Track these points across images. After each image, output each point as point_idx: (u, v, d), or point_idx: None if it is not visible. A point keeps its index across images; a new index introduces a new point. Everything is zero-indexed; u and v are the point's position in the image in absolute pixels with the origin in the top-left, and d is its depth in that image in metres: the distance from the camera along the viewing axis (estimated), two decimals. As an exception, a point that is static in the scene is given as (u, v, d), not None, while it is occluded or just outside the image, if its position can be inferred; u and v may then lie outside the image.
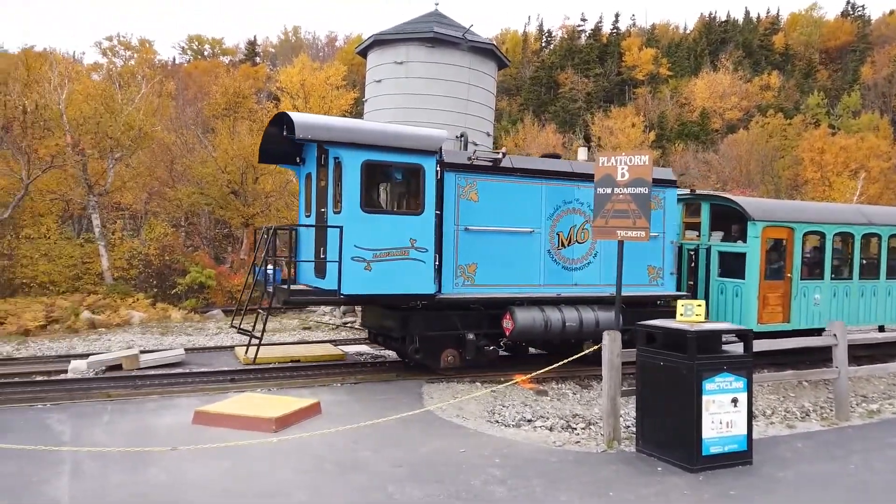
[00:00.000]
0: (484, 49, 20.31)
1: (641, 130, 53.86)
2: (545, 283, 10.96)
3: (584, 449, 7.20)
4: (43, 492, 5.54)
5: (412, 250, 9.70)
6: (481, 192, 10.43)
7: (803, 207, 14.28)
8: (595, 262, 11.40)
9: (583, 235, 11.26)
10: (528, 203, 10.83)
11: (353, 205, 9.39)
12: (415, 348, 10.22)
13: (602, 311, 10.91)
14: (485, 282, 10.48)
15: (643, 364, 6.98)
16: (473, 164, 10.40)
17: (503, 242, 10.60)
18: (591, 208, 11.17)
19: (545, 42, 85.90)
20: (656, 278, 11.80)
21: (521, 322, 10.28)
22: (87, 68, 35.87)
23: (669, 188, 11.93)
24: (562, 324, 10.54)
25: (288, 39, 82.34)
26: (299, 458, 6.48)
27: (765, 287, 11.92)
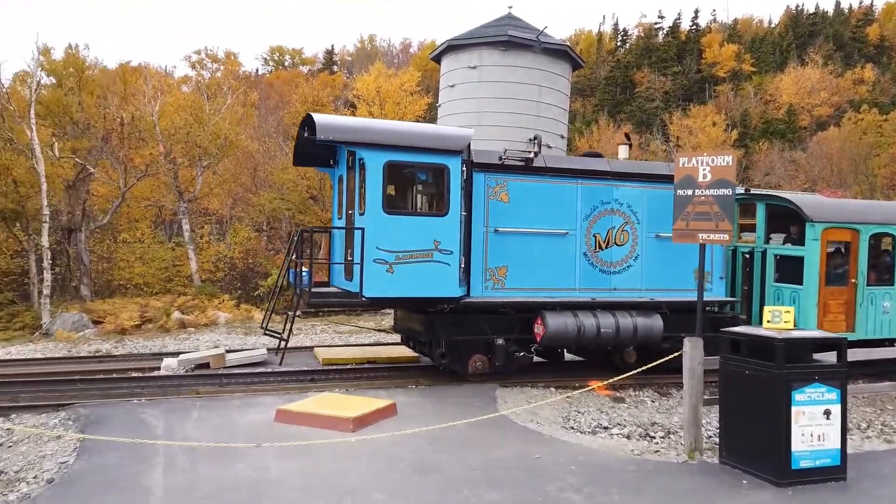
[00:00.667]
0: (558, 50, 20.11)
1: (723, 129, 51.86)
2: (581, 288, 10.57)
3: (664, 459, 7.00)
4: (140, 482, 5.88)
5: (436, 252, 9.46)
6: (512, 192, 10.16)
7: (870, 207, 13.25)
8: (636, 266, 10.90)
9: (622, 237, 10.81)
10: (562, 203, 10.47)
11: (376, 206, 9.25)
12: (441, 353, 9.97)
13: (641, 318, 10.44)
14: (515, 285, 10.19)
15: (727, 372, 6.73)
16: (504, 163, 10.15)
17: (535, 244, 10.27)
18: (630, 209, 10.87)
19: (620, 41, 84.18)
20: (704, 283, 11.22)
21: (552, 327, 9.93)
22: (178, 81, 37.85)
23: None
24: (596, 330, 10.13)
25: (364, 48, 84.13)
26: (376, 457, 6.60)
27: (825, 293, 11.11)
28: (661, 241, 10.86)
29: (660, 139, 54.95)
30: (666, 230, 10.74)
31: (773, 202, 12.01)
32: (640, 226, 10.91)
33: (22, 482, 6.01)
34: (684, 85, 69.00)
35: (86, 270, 22.44)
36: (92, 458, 6.42)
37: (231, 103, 25.34)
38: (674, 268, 10.96)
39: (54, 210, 23.09)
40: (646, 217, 10.93)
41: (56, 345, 15.68)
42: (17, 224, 24.80)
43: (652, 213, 10.93)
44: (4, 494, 5.74)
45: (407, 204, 10.63)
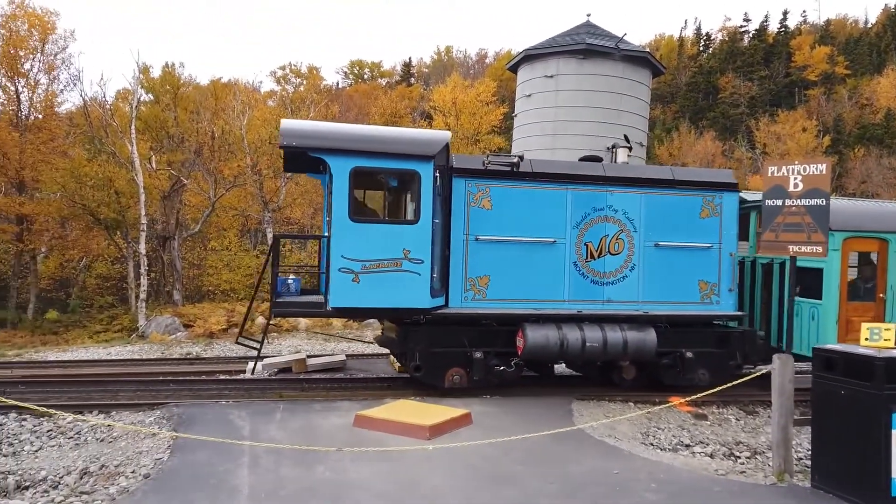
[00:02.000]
0: (637, 57, 19.76)
1: (814, 135, 49.36)
2: (570, 299, 10.05)
3: (751, 480, 6.71)
4: (227, 481, 6.15)
5: (405, 261, 9.09)
6: (495, 199, 9.78)
7: None
8: (632, 277, 10.28)
9: (617, 246, 10.19)
10: (550, 210, 9.98)
11: (342, 213, 8.95)
12: (415, 366, 9.62)
13: (633, 332, 9.85)
14: (498, 296, 9.80)
15: (820, 392, 6.39)
16: (487, 169, 9.78)
17: (519, 253, 9.84)
18: (626, 216, 10.26)
19: (703, 46, 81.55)
20: (710, 295, 10.45)
21: (531, 341, 9.46)
22: (264, 95, 39.49)
23: (728, 192, 10.56)
24: (581, 344, 9.59)
25: (440, 59, 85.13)
26: (452, 466, 6.64)
27: (848, 309, 10.21)
28: (661, 251, 10.33)
29: (745, 146, 52.82)
30: (666, 239, 10.32)
31: None
32: (637, 234, 10.30)
33: (121, 476, 6.40)
34: (772, 90, 66.10)
35: (178, 276, 23.71)
36: (184, 456, 6.77)
37: (313, 116, 26.22)
38: (675, 279, 10.35)
39: (151, 219, 24.56)
40: (644, 225, 10.31)
41: (151, 346, 16.63)
42: (118, 232, 26.52)
43: (651, 221, 10.32)
44: (106, 487, 6.13)
45: (376, 211, 10.23)
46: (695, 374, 10.24)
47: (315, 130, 9.52)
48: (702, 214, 10.43)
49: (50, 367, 12.96)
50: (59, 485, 6.30)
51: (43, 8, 29.88)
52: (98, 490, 6.07)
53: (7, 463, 7.01)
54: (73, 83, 36.75)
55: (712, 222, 10.46)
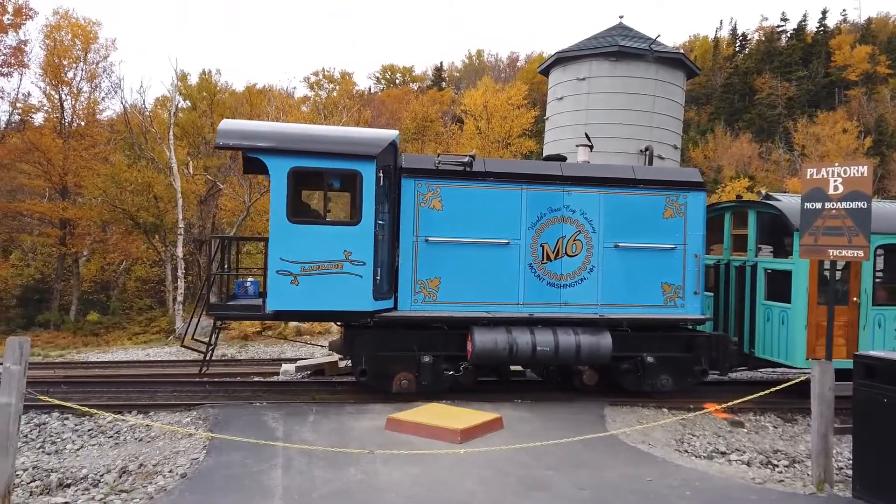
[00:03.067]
0: (671, 59, 19.53)
1: (855, 136, 48.11)
2: (525, 302, 9.79)
3: (789, 489, 6.56)
4: (261, 481, 6.23)
5: (347, 263, 8.88)
6: (446, 199, 9.56)
7: (879, 212, 11.35)
8: (591, 279, 9.98)
9: (574, 248, 9.88)
10: (504, 211, 9.72)
11: (280, 215, 8.79)
12: (361, 370, 9.43)
13: (587, 335, 9.55)
14: (449, 298, 9.56)
15: (862, 399, 6.22)
16: (438, 169, 9.56)
17: (472, 255, 9.60)
18: (584, 216, 9.98)
19: (739, 46, 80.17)
20: (673, 298, 10.11)
21: (479, 344, 9.24)
22: (298, 101, 40.00)
23: (693, 192, 10.19)
24: (531, 348, 9.34)
25: (472, 63, 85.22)
26: (483, 470, 6.63)
27: (819, 313, 9.69)
28: (622, 252, 10.03)
29: (783, 148, 51.74)
30: (627, 240, 10.02)
31: (763, 210, 10.65)
32: (596, 235, 10.01)
33: (159, 475, 6.54)
34: (810, 90, 64.65)
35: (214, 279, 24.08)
36: (219, 456, 6.89)
37: (346, 121, 26.49)
38: (636, 281, 10.05)
39: (188, 223, 25.05)
40: (603, 225, 10.03)
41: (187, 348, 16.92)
42: (156, 236, 27.13)
43: (610, 221, 10.03)
44: (144, 486, 6.27)
45: (317, 212, 9.94)
46: (657, 380, 9.99)
47: (252, 130, 9.42)
48: (665, 214, 10.13)
49: (91, 368, 13.32)
50: (100, 483, 6.47)
51: (86, 18, 30.77)
52: (137, 489, 6.21)
53: (50, 461, 7.22)
54: (114, 91, 37.82)
55: (676, 222, 10.13)
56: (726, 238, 11.53)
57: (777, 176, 48.09)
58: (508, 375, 10.95)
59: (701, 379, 10.29)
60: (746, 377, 12.87)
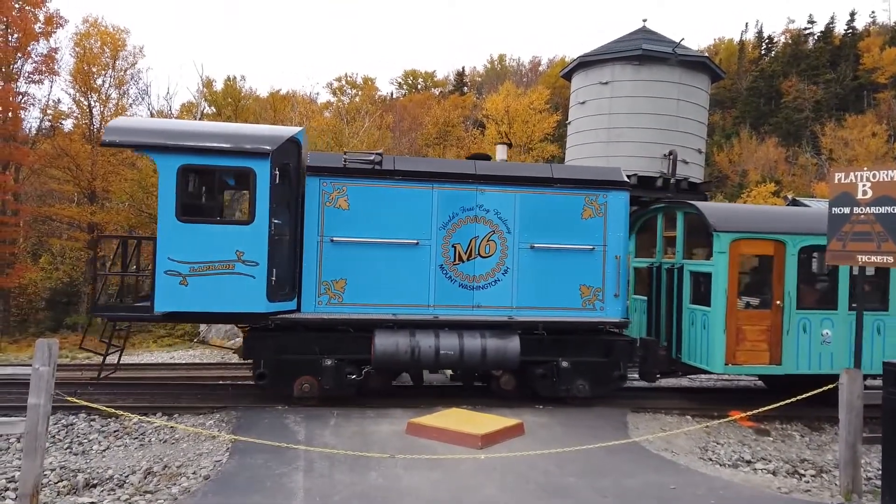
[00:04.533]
0: (695, 62, 19.35)
1: (884, 140, 47.23)
2: (436, 304, 9.53)
3: (816, 499, 6.45)
4: (283, 484, 6.27)
5: (239, 264, 8.61)
6: (353, 198, 9.33)
7: (802, 214, 10.82)
8: (505, 281, 9.68)
9: (488, 249, 9.61)
10: (413, 210, 9.47)
11: (168, 213, 8.53)
12: (260, 373, 9.19)
13: (494, 339, 9.30)
14: (355, 300, 9.32)
15: (891, 408, 6.09)
16: (344, 167, 9.33)
17: (380, 256, 9.37)
18: (499, 216, 9.69)
19: (765, 49, 79.19)
20: (592, 301, 9.82)
21: (380, 348, 9.04)
22: (321, 107, 40.35)
23: (614, 191, 9.90)
24: (434, 352, 9.11)
25: (493, 68, 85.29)
26: (504, 476, 6.60)
27: (740, 317, 9.49)
28: (538, 253, 9.75)
29: (810, 152, 50.97)
30: (543, 240, 9.75)
31: (689, 211, 10.30)
32: (511, 235, 9.73)
33: (182, 476, 6.62)
34: (838, 93, 63.59)
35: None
36: (242, 458, 6.95)
37: (368, 126, 26.67)
38: (554, 283, 9.75)
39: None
40: (518, 225, 9.74)
41: (211, 351, 17.14)
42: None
43: (526, 222, 9.75)
44: (168, 487, 6.35)
45: (210, 211, 9.61)
46: (572, 386, 9.71)
47: (140, 127, 9.23)
48: (584, 214, 9.85)
49: (117, 370, 13.51)
50: (125, 484, 6.56)
51: (114, 26, 31.37)
52: (161, 490, 6.29)
53: (77, 461, 7.34)
54: (142, 97, 38.41)
55: (595, 223, 9.86)
56: (658, 240, 11.28)
57: (804, 180, 47.37)
58: (420, 381, 10.56)
59: (619, 385, 10.06)
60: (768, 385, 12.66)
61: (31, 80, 29.31)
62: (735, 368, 9.66)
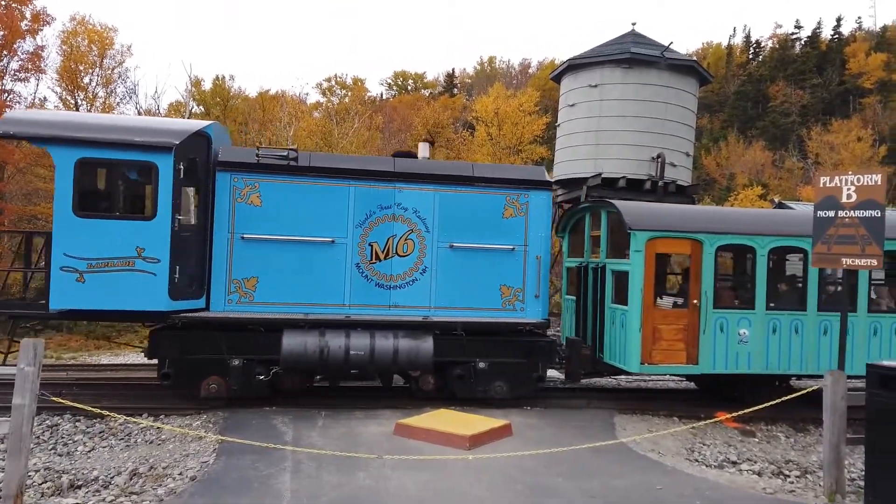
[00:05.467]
0: (683, 66, 19.49)
1: (869, 145, 47.75)
2: (352, 304, 9.40)
3: (800, 500, 6.50)
4: (270, 485, 6.25)
5: (139, 260, 8.39)
6: (266, 194, 9.16)
7: (719, 214, 10.85)
8: (423, 280, 9.59)
9: (406, 248, 9.50)
10: (329, 208, 9.33)
11: (65, 208, 8.31)
12: (164, 373, 8.96)
13: (406, 340, 9.20)
14: (268, 299, 9.17)
15: (876, 410, 6.16)
16: (257, 163, 9.15)
17: (293, 254, 9.22)
18: (417, 215, 9.60)
19: (753, 53, 79.84)
20: (513, 301, 9.76)
21: (287, 348, 8.90)
22: (310, 107, 40.25)
23: (536, 191, 9.83)
24: (344, 352, 8.99)
25: (483, 70, 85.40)
26: (492, 477, 6.61)
27: (656, 316, 9.49)
28: (457, 253, 9.67)
29: (796, 156, 51.44)
30: (463, 240, 9.68)
31: (611, 210, 10.23)
32: (430, 234, 9.64)
33: (169, 478, 6.57)
34: (825, 98, 64.26)
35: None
36: (229, 459, 6.92)
37: (357, 127, 26.63)
38: (473, 283, 9.67)
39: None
40: (437, 225, 9.65)
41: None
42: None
43: (445, 221, 9.66)
44: (154, 488, 6.30)
45: (109, 206, 9.23)
46: (490, 387, 9.62)
47: (38, 119, 9.05)
48: (505, 214, 9.78)
49: (103, 371, 13.40)
50: (110, 485, 6.51)
51: (102, 24, 31.15)
52: (147, 491, 6.24)
53: (62, 462, 7.28)
54: (129, 96, 38.11)
55: (517, 222, 9.78)
56: (586, 239, 11.26)
57: (790, 184, 47.78)
58: (336, 381, 10.23)
59: (537, 386, 9.97)
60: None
61: (17, 79, 29.00)
62: (651, 368, 9.61)
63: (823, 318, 9.82)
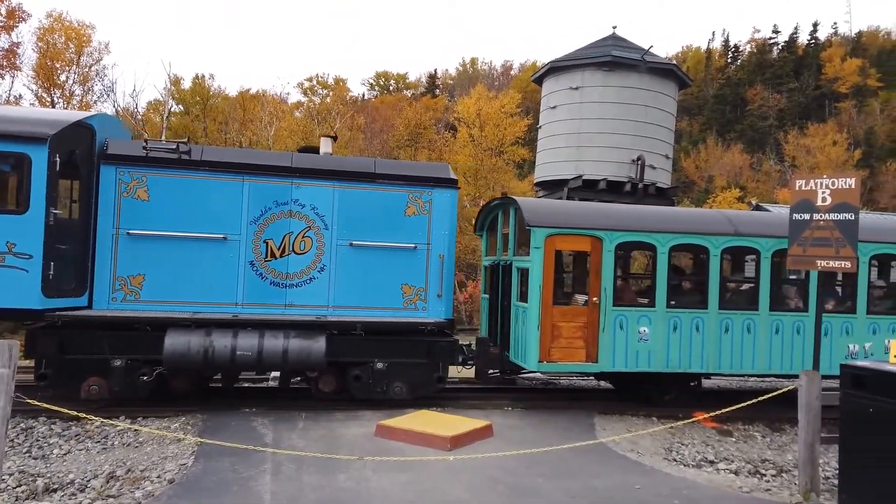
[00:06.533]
0: (663, 69, 19.70)
1: (844, 148, 48.62)
2: (245, 303, 9.19)
3: (776, 498, 6.60)
4: (249, 487, 6.21)
5: (9, 256, 8.06)
6: (154, 189, 8.87)
7: (620, 211, 10.71)
8: (321, 279, 9.40)
9: (303, 245, 9.31)
10: (222, 203, 9.09)
11: None
12: (41, 374, 8.61)
13: (297, 340, 8.88)
14: (155, 297, 8.90)
15: (849, 410, 6.27)
16: (145, 156, 8.86)
17: (183, 250, 8.94)
18: (316, 212, 9.40)
19: (731, 58, 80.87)
20: (415, 300, 9.62)
21: (169, 347, 8.54)
22: (291, 107, 40.02)
23: (440, 188, 9.68)
24: (230, 352, 8.66)
25: (466, 71, 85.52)
26: (473, 478, 6.63)
27: (555, 314, 9.39)
28: (357, 251, 9.51)
29: (773, 160, 52.18)
30: (363, 238, 9.53)
31: (516, 206, 10.17)
32: (329, 232, 9.45)
33: (146, 480, 6.50)
34: (801, 102, 65.31)
35: None
36: (208, 462, 6.86)
37: (339, 127, 26.53)
38: (374, 282, 9.52)
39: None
40: (337, 222, 9.47)
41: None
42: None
43: (345, 218, 9.49)
44: (132, 491, 6.23)
45: None
46: (389, 388, 9.43)
47: None
48: (407, 212, 9.65)
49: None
50: (87, 488, 6.42)
51: (80, 21, 30.72)
52: (124, 494, 6.17)
53: (36, 465, 7.16)
54: (107, 94, 37.65)
55: (419, 220, 9.64)
56: (499, 237, 11.17)
57: (768, 187, 48.48)
58: (232, 382, 9.97)
59: (438, 387, 9.70)
60: (737, 387, 12.92)
61: (-8, 75, 28.57)
62: (550, 366, 9.54)
63: (725, 316, 9.77)
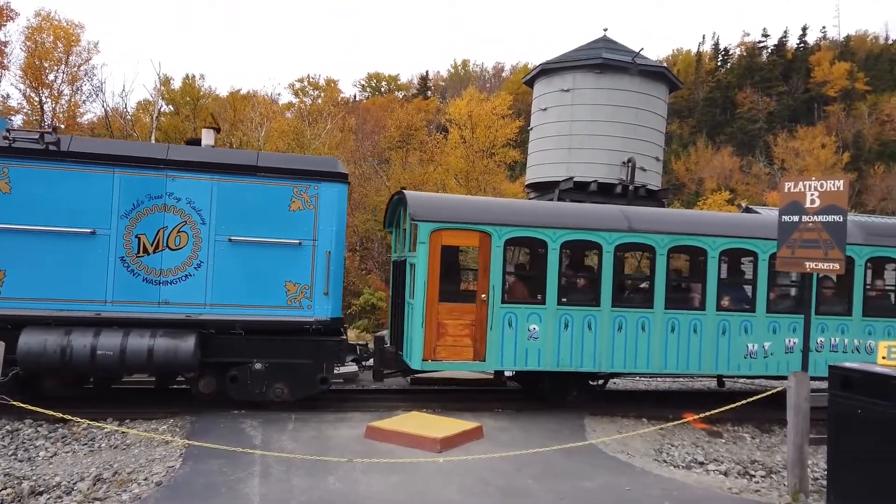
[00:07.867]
0: (654, 72, 19.77)
1: (833, 151, 49.02)
2: (115, 300, 8.77)
3: (765, 499, 6.62)
4: (238, 490, 6.16)
5: None
6: (16, 180, 8.51)
7: (510, 206, 10.38)
8: (198, 275, 9.00)
9: (178, 241, 8.92)
10: (90, 196, 8.69)
11: None
12: None
13: (164, 339, 8.53)
14: (17, 295, 8.50)
15: (837, 411, 6.30)
16: (9, 146, 8.52)
17: (47, 245, 8.57)
18: (192, 206, 9.01)
19: (721, 61, 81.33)
20: (299, 298, 9.23)
21: (24, 347, 8.19)
22: (282, 107, 39.91)
23: (328, 183, 9.34)
24: (90, 352, 8.32)
25: (457, 73, 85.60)
26: (463, 480, 6.61)
27: (441, 311, 9.15)
28: (237, 247, 9.12)
29: (763, 162, 52.51)
30: (244, 233, 9.15)
31: None
32: (206, 227, 9.06)
33: (133, 483, 6.44)
34: (790, 105, 65.81)
35: None
36: (196, 464, 6.80)
37: (330, 128, 26.48)
38: (255, 279, 9.16)
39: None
40: (215, 217, 9.08)
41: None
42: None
43: (224, 213, 9.11)
44: (119, 494, 6.17)
45: None
46: (269, 389, 9.16)
47: None
48: (292, 207, 9.27)
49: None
50: (73, 491, 6.35)
51: (68, 20, 30.51)
52: (111, 496, 6.11)
53: (22, 468, 7.08)
54: (96, 94, 37.39)
55: (305, 216, 9.27)
56: (400, 233, 10.89)
57: (757, 189, 48.77)
58: (108, 384, 9.65)
59: (321, 388, 9.45)
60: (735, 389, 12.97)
61: (-21, 74, 28.33)
62: (435, 364, 9.35)
63: (618, 314, 9.61)
